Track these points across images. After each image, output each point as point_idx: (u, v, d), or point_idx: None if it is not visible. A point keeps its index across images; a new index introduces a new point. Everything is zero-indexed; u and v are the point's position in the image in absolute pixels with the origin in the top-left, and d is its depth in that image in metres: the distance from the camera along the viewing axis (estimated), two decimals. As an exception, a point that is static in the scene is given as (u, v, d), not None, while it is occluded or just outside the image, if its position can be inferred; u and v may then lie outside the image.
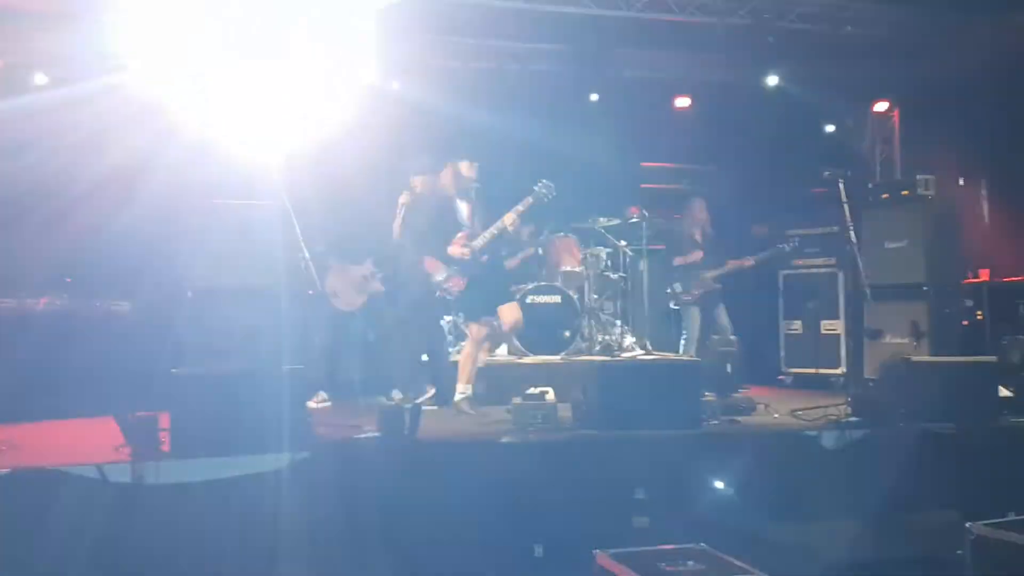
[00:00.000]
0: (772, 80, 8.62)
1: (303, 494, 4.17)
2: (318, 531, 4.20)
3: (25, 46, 7.15)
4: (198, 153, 5.63)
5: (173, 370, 4.52)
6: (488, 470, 4.31)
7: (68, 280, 6.60)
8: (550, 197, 5.86)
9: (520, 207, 5.80)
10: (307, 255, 5.79)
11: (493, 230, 5.80)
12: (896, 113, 10.64)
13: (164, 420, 4.27)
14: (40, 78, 7.21)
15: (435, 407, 6.16)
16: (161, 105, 5.76)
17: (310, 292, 6.86)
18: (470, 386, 5.82)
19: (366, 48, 6.09)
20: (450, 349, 7.40)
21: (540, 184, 5.86)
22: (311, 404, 6.00)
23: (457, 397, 5.77)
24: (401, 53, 8.11)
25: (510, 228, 5.82)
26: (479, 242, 5.81)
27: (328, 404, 6.50)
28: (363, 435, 4.59)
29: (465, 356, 5.89)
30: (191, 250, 7.27)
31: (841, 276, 7.94)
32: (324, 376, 6.64)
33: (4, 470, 3.79)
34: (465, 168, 5.88)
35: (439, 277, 5.84)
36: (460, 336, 7.54)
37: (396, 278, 6.43)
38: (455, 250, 5.78)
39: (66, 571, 3.74)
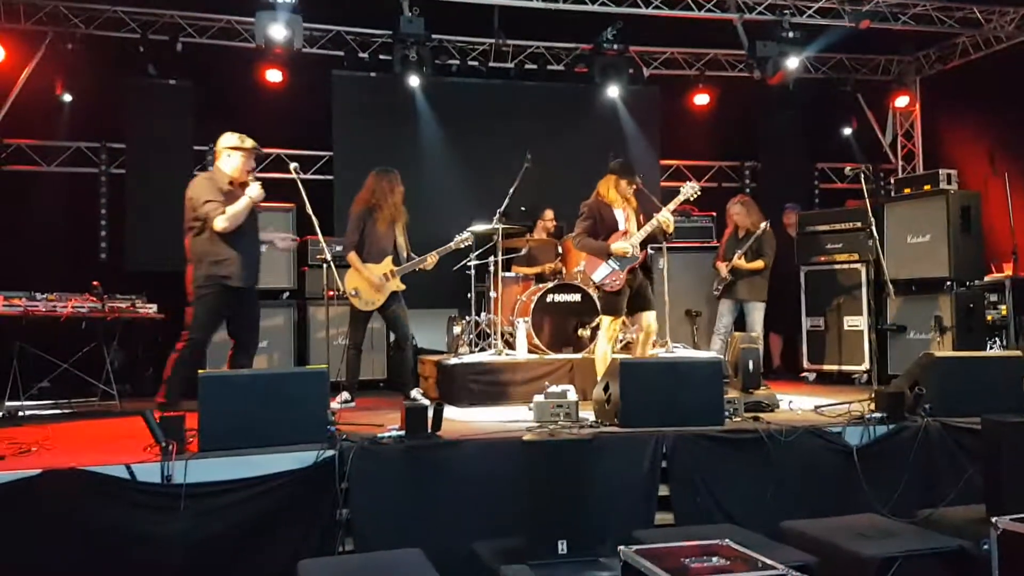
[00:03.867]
0: (792, 76, 8.56)
1: (329, 491, 4.21)
2: (344, 528, 4.25)
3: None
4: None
5: (200, 371, 4.57)
6: (511, 467, 4.33)
7: (95, 284, 6.68)
8: (697, 194, 6.16)
9: (672, 206, 6.03)
10: (328, 256, 5.82)
11: (648, 228, 6.02)
12: (917, 107, 10.59)
13: (191, 420, 4.33)
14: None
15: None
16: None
17: (331, 293, 6.94)
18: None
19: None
20: (472, 350, 7.45)
21: (688, 184, 6.16)
22: (334, 404, 6.04)
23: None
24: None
25: (668, 229, 6.06)
26: (636, 239, 6.01)
27: (352, 404, 6.55)
28: (387, 433, 4.62)
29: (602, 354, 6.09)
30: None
31: (864, 272, 7.88)
32: (347, 375, 6.69)
33: (34, 471, 3.84)
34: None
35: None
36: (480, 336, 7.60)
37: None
38: (618, 247, 5.95)
39: (94, 571, 3.80)
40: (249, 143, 5.46)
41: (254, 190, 5.38)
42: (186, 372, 5.25)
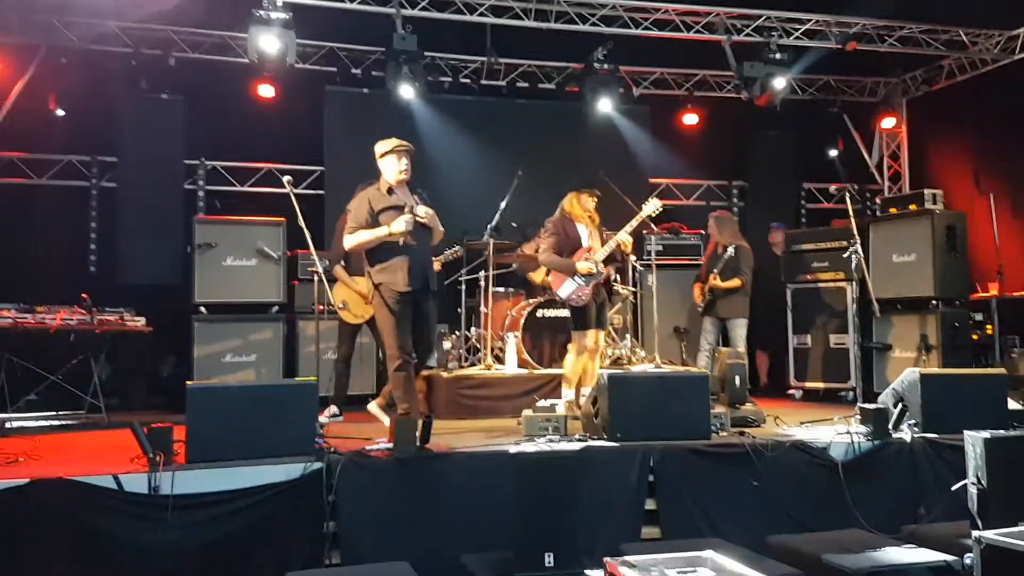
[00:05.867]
0: (779, 96, 8.67)
1: (316, 504, 4.22)
2: (331, 541, 4.25)
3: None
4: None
5: (188, 383, 4.58)
6: (499, 480, 4.34)
7: (85, 296, 6.68)
8: (658, 211, 6.25)
9: (631, 226, 6.14)
10: (320, 270, 5.83)
11: (609, 247, 6.12)
12: (904, 129, 10.72)
13: (179, 431, 4.34)
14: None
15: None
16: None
17: (320, 307, 6.95)
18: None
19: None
20: (461, 364, 7.48)
21: (649, 201, 6.24)
22: (322, 418, 6.05)
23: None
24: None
25: (626, 250, 6.20)
26: (600, 256, 6.10)
27: (340, 418, 6.55)
28: (375, 446, 4.63)
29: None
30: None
31: (850, 290, 7.95)
32: (335, 389, 6.70)
33: (23, 480, 3.84)
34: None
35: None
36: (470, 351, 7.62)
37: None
38: (583, 266, 6.04)
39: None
40: (392, 143, 5.36)
41: (398, 225, 5.10)
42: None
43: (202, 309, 7.59)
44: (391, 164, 5.34)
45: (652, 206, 6.21)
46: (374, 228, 5.17)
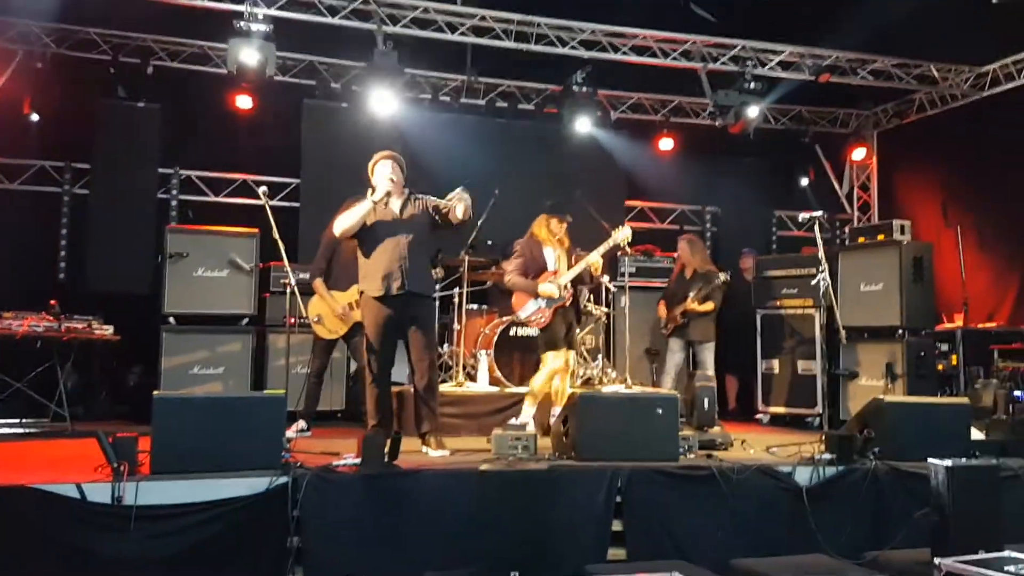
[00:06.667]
0: (752, 124, 8.80)
1: (281, 519, 4.18)
2: (295, 556, 4.22)
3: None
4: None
5: (155, 392, 4.54)
6: (467, 498, 4.34)
7: (53, 303, 6.61)
8: (627, 241, 6.29)
9: (602, 250, 6.19)
10: (292, 282, 5.80)
11: (578, 268, 6.17)
12: (874, 160, 10.91)
13: (144, 442, 4.29)
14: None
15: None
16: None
17: (291, 320, 6.92)
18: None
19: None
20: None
21: (620, 229, 6.29)
22: (290, 432, 6.00)
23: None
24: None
25: (596, 272, 6.24)
26: (564, 280, 6.17)
27: (308, 433, 6.51)
28: (342, 461, 4.61)
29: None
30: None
31: (818, 317, 8.05)
32: (305, 403, 6.65)
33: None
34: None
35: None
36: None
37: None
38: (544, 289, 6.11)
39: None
40: (378, 153, 5.52)
41: (377, 194, 5.34)
42: None
43: (171, 319, 7.51)
44: (378, 170, 5.41)
45: (623, 234, 6.25)
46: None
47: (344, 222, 5.34)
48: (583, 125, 9.30)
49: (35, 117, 8.61)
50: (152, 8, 7.62)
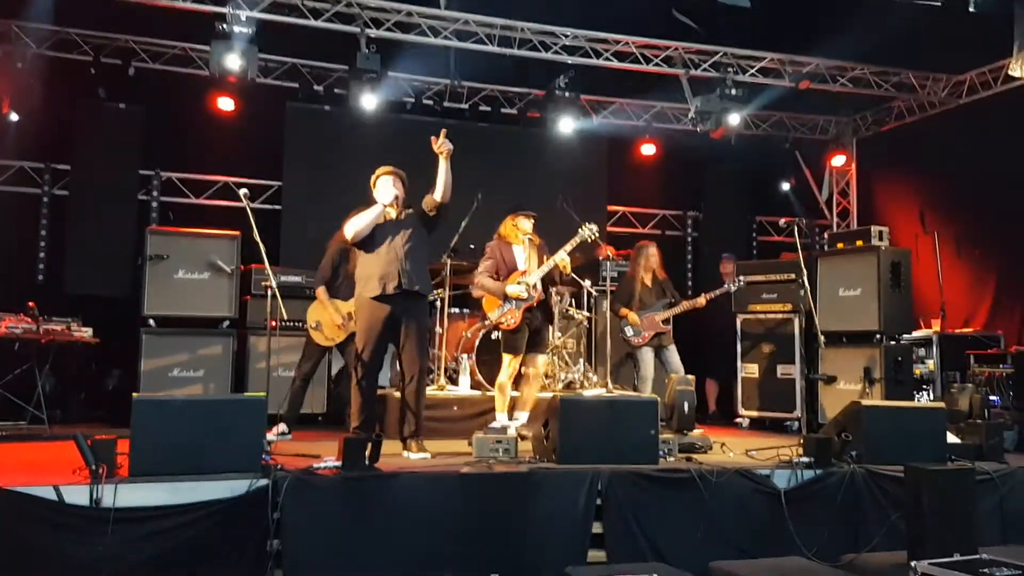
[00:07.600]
0: (733, 131, 8.88)
1: (260, 521, 4.17)
2: (274, 559, 4.21)
3: None
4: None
5: (134, 394, 4.52)
6: (447, 500, 4.35)
7: (31, 305, 6.56)
8: (593, 238, 6.29)
9: (568, 248, 6.19)
10: (274, 284, 5.79)
11: (545, 268, 6.17)
12: (853, 167, 11.03)
13: (123, 444, 4.27)
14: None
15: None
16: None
17: (272, 322, 6.89)
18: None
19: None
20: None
21: (586, 226, 6.28)
22: (270, 435, 5.98)
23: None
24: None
25: (561, 267, 6.21)
26: (532, 279, 6.17)
27: (288, 436, 6.49)
28: (323, 464, 4.60)
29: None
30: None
31: (797, 322, 8.12)
32: (288, 407, 6.62)
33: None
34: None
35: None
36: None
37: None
38: (512, 290, 6.11)
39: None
40: (380, 168, 5.66)
41: (385, 197, 5.51)
42: None
43: (151, 322, 7.47)
44: (380, 185, 5.49)
45: (588, 231, 6.27)
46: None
47: (356, 224, 5.40)
48: (566, 127, 9.35)
49: (15, 117, 8.54)
50: (134, 9, 7.59)
